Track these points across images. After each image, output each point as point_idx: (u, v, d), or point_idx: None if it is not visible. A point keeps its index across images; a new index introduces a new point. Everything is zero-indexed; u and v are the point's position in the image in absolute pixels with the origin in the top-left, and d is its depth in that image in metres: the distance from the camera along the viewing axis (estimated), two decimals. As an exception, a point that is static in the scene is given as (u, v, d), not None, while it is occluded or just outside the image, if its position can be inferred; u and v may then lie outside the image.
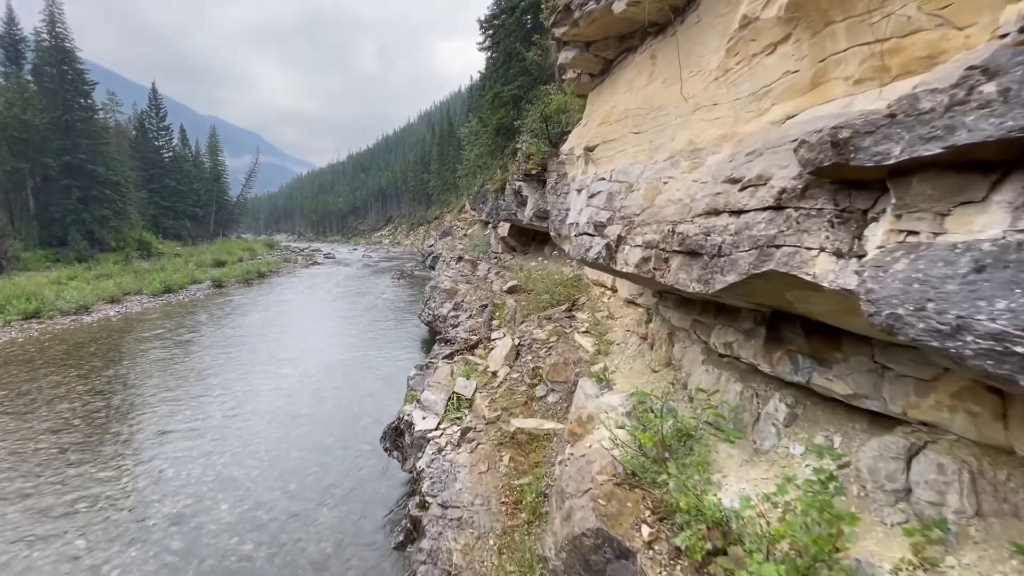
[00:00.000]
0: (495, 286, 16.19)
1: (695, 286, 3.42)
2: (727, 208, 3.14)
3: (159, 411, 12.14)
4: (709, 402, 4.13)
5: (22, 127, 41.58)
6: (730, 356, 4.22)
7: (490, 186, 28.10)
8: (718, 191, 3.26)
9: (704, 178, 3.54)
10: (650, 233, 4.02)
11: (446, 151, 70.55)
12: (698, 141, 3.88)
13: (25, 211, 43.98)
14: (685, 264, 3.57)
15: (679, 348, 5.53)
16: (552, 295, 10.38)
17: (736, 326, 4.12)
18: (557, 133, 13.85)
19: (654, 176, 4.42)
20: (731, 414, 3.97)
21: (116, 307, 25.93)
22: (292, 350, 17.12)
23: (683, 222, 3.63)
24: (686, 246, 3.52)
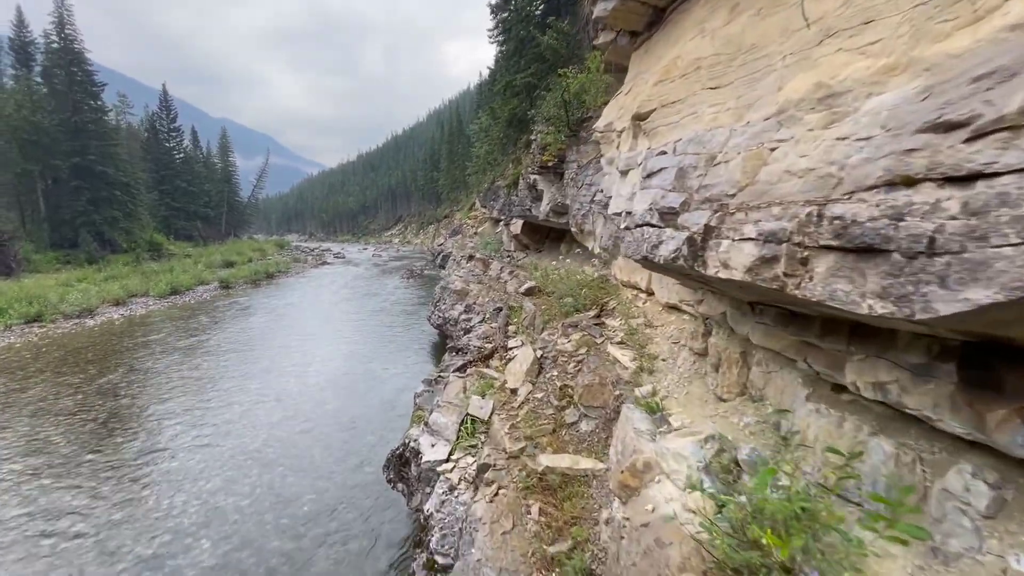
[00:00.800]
0: (509, 287, 14.91)
1: (879, 306, 2.11)
2: (936, 173, 1.85)
3: (148, 427, 11.02)
4: (846, 469, 2.81)
5: (32, 129, 41.03)
6: (871, 399, 2.91)
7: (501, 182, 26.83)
8: (909, 147, 1.97)
9: (866, 131, 2.24)
10: (768, 221, 2.71)
11: (455, 149, 69.43)
12: (835, 82, 2.58)
13: (36, 213, 43.50)
14: (848, 268, 2.25)
15: (760, 373, 4.21)
16: (576, 298, 9.08)
17: (893, 359, 2.75)
18: (577, 119, 12.51)
19: (750, 142, 3.12)
20: (886, 488, 2.66)
21: (121, 310, 25.05)
22: (294, 357, 15.97)
23: (833, 201, 2.34)
24: (851, 239, 2.21)
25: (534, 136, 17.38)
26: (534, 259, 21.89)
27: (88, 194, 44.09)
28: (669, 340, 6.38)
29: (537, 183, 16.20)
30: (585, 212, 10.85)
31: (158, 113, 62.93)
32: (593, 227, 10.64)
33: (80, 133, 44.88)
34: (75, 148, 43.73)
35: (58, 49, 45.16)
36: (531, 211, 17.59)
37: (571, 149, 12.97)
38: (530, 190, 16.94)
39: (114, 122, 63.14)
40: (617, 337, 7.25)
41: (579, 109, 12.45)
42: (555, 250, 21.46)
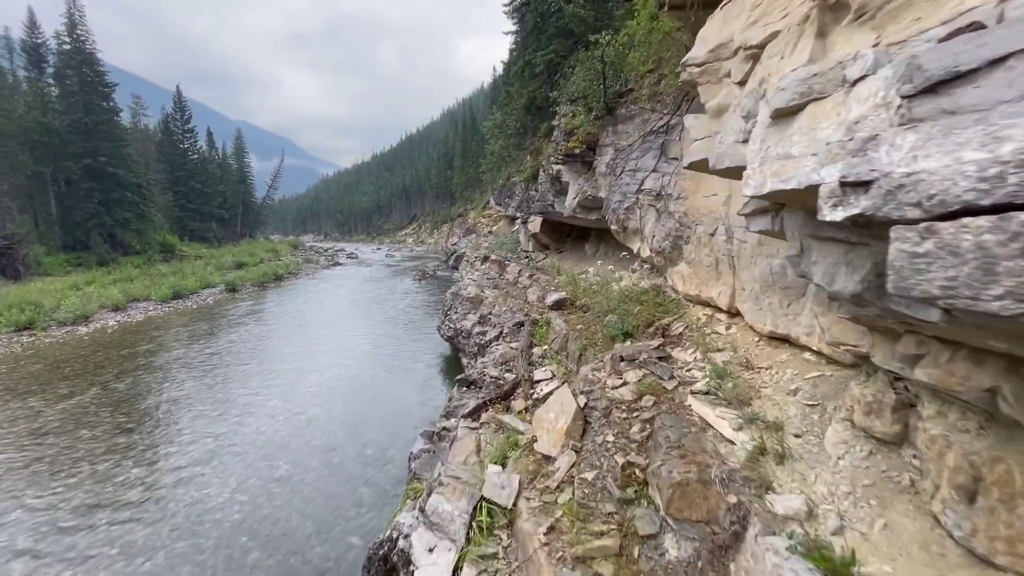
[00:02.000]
0: (531, 294, 12.61)
1: None
2: None
3: (99, 469, 8.98)
4: None
5: (42, 131, 39.86)
6: None
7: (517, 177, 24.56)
8: None
9: None
10: None
11: (469, 147, 67.33)
12: None
13: (48, 216, 42.40)
14: None
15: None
16: (623, 317, 6.78)
17: None
18: (614, 93, 10.17)
19: None
20: None
21: (118, 315, 23.33)
22: (285, 376, 13.85)
23: None
24: None
25: (556, 122, 15.03)
26: (555, 260, 19.55)
27: (99, 196, 42.90)
28: (794, 396, 4.05)
29: (561, 174, 13.86)
30: (629, 205, 8.52)
31: (172, 114, 61.85)
32: (640, 224, 8.30)
33: (91, 134, 43.66)
34: (86, 150, 42.52)
35: (69, 50, 44.00)
36: (553, 207, 15.25)
37: (605, 132, 10.62)
38: (552, 183, 14.61)
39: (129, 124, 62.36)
40: (698, 382, 4.93)
41: (616, 80, 10.13)
42: (578, 251, 19.09)
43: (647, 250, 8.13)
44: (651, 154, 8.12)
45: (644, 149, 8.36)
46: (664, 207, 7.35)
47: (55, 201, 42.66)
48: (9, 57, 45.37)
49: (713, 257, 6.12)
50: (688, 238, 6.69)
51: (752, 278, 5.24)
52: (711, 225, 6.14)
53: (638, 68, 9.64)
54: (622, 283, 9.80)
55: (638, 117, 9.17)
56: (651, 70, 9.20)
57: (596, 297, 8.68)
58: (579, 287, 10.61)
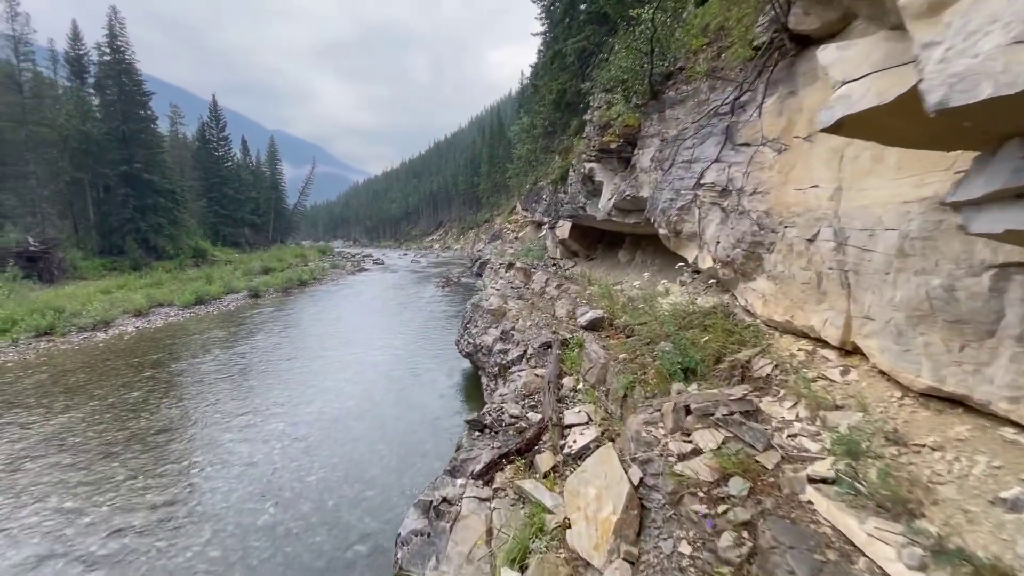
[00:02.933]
0: (559, 308, 11.02)
1: None
2: None
3: (65, 507, 7.85)
4: None
5: (82, 138, 40.58)
6: None
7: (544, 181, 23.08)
8: None
9: None
10: None
11: (496, 152, 66.36)
12: None
13: (86, 221, 43.14)
14: None
15: None
16: (683, 348, 5.15)
17: None
18: (661, 75, 8.54)
19: None
20: None
21: (138, 321, 22.80)
22: (290, 393, 12.60)
23: None
24: None
25: (589, 116, 13.46)
26: (585, 269, 17.90)
27: (134, 201, 43.44)
28: (1010, 510, 2.40)
29: (594, 173, 12.25)
30: (683, 205, 6.86)
31: (208, 123, 62.87)
32: (699, 227, 6.62)
33: (128, 142, 44.33)
34: (123, 157, 43.15)
35: (109, 61, 44.87)
36: (584, 210, 13.64)
37: (648, 121, 9.00)
38: (584, 183, 13.01)
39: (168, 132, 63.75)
40: (814, 459, 3.28)
41: (662, 59, 8.51)
42: (610, 258, 17.40)
43: (707, 259, 6.46)
44: (712, 141, 6.47)
45: (702, 135, 6.70)
46: (734, 205, 5.70)
47: (93, 207, 43.35)
48: (53, 68, 46.60)
49: (813, 271, 4.46)
50: (771, 245, 5.03)
51: (889, 304, 3.56)
52: (809, 227, 4.49)
53: (691, 43, 8.00)
54: (669, 298, 8.11)
55: (692, 99, 7.52)
56: (708, 42, 7.56)
57: (641, 316, 7.04)
58: (616, 302, 8.97)
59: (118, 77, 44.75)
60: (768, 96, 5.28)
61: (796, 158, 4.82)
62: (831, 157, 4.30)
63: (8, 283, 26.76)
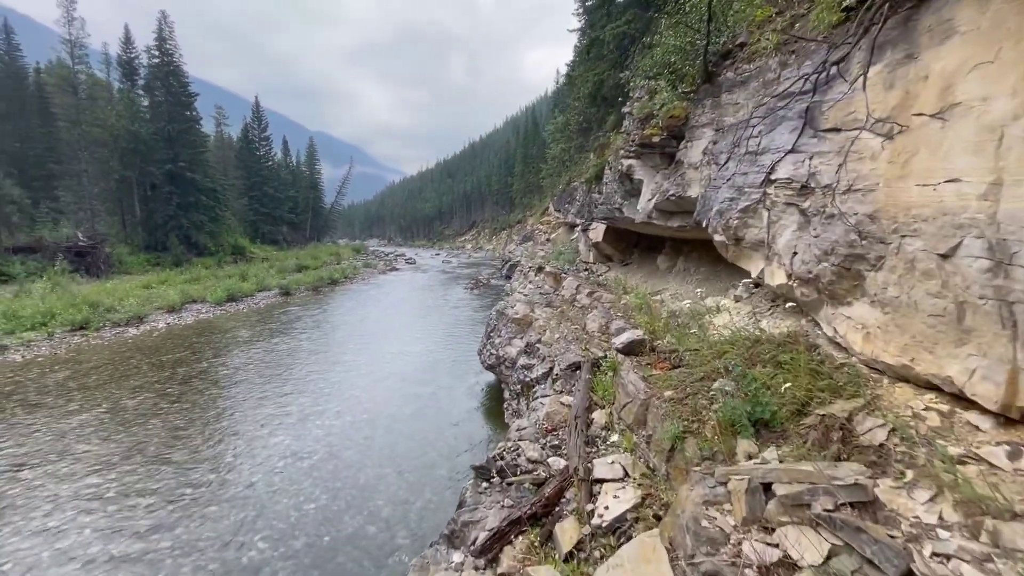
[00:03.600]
0: (591, 321, 9.82)
1: None
2: None
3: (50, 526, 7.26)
4: None
5: (131, 138, 41.87)
6: None
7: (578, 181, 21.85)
8: None
9: None
10: None
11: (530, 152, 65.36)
12: None
13: (132, 218, 44.55)
14: None
15: None
16: (752, 391, 3.91)
17: None
18: (717, 53, 7.24)
19: None
20: None
21: (170, 317, 22.86)
22: (303, 403, 11.81)
23: None
24: None
25: (628, 108, 12.21)
26: (619, 274, 16.58)
27: (178, 199, 44.56)
28: None
29: (633, 171, 10.97)
30: (748, 206, 5.58)
31: (250, 123, 64.33)
32: (768, 233, 5.33)
33: (174, 142, 45.54)
34: (168, 156, 44.37)
35: (158, 63, 46.23)
36: (621, 211, 12.36)
37: (699, 108, 7.70)
38: (621, 182, 11.75)
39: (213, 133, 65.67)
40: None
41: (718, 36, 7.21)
42: (648, 264, 16.02)
43: (779, 274, 5.16)
44: (785, 127, 5.18)
45: (772, 121, 5.41)
46: (818, 206, 4.40)
47: (139, 204, 44.68)
48: (107, 71, 48.38)
49: (950, 299, 3.18)
50: (878, 260, 3.74)
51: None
52: (944, 238, 3.21)
53: (753, 14, 6.69)
54: (722, 317, 6.80)
55: (755, 79, 6.20)
56: (778, 12, 6.25)
57: (689, 340, 5.80)
58: (657, 317, 7.71)
59: (165, 79, 46.04)
60: (872, 64, 3.98)
61: (919, 143, 3.52)
62: (984, 139, 3.01)
63: (55, 277, 27.44)
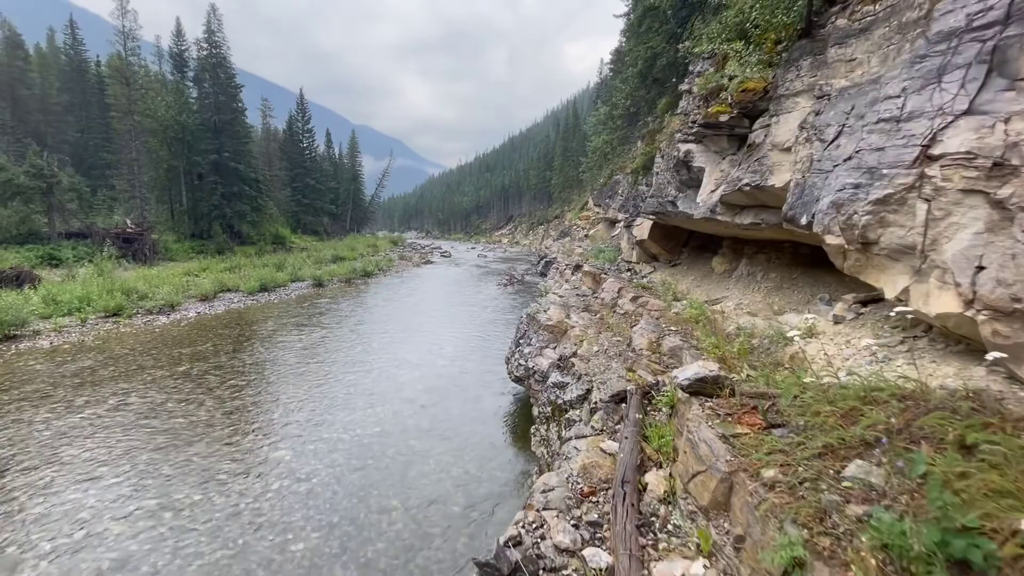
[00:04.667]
0: (638, 336, 8.18)
1: None
2: None
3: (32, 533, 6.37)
4: None
5: (179, 128, 42.67)
6: None
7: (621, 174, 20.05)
8: None
9: None
10: None
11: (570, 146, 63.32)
12: None
13: (179, 206, 45.56)
14: None
15: None
16: (946, 511, 2.32)
17: None
18: None
19: None
20: None
21: (202, 306, 22.62)
22: (312, 409, 10.71)
23: None
24: None
25: (687, 84, 10.45)
26: (666, 276, 14.77)
27: (222, 189, 45.24)
28: None
29: (692, 157, 9.22)
30: (888, 195, 3.86)
31: (295, 116, 65.04)
32: (927, 236, 3.61)
33: (219, 132, 46.24)
34: (214, 146, 45.10)
35: (206, 55, 46.99)
36: (675, 204, 10.59)
37: (791, 72, 5.95)
38: (677, 170, 9.99)
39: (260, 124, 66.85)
40: None
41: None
42: (699, 265, 14.14)
43: (946, 298, 3.43)
44: (953, 78, 3.47)
45: (925, 73, 3.69)
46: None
47: (186, 193, 45.60)
48: (159, 63, 49.60)
49: None
50: None
51: None
52: None
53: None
54: (816, 344, 5.08)
55: (886, 22, 4.44)
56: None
57: (784, 382, 4.15)
58: (725, 338, 6.04)
59: (213, 70, 46.72)
60: None
61: None
62: None
63: (102, 262, 27.86)
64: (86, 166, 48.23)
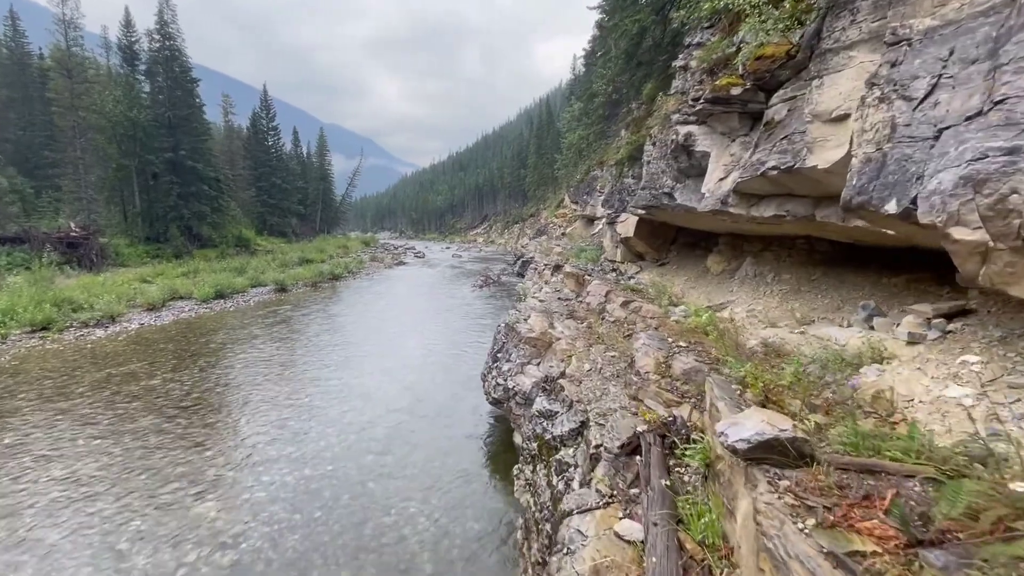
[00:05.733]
0: (641, 355, 6.71)
1: None
2: None
3: None
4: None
5: (129, 125, 39.47)
6: None
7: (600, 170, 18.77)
8: None
9: None
10: None
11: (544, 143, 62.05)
12: None
13: (132, 208, 42.36)
14: None
15: None
16: None
17: None
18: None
19: None
20: None
21: (147, 317, 20.28)
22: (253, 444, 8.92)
23: None
24: None
25: (683, 60, 9.09)
26: (655, 276, 13.44)
27: (179, 189, 42.25)
28: None
29: (694, 141, 7.84)
30: None
31: (258, 112, 61.80)
32: None
33: (174, 129, 43.17)
34: (169, 143, 42.06)
35: (158, 47, 43.80)
36: (672, 196, 9.20)
37: (840, 20, 4.60)
38: (674, 157, 8.60)
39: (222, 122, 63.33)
40: None
41: None
42: (690, 264, 12.85)
43: None
44: None
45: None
46: None
47: (139, 194, 42.41)
48: (106, 55, 46.03)
49: None
50: None
51: None
52: None
53: None
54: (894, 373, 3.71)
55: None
56: None
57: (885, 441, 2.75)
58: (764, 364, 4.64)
59: (166, 63, 43.57)
60: None
61: None
62: None
63: (40, 270, 25.01)
64: (31, 166, 44.31)
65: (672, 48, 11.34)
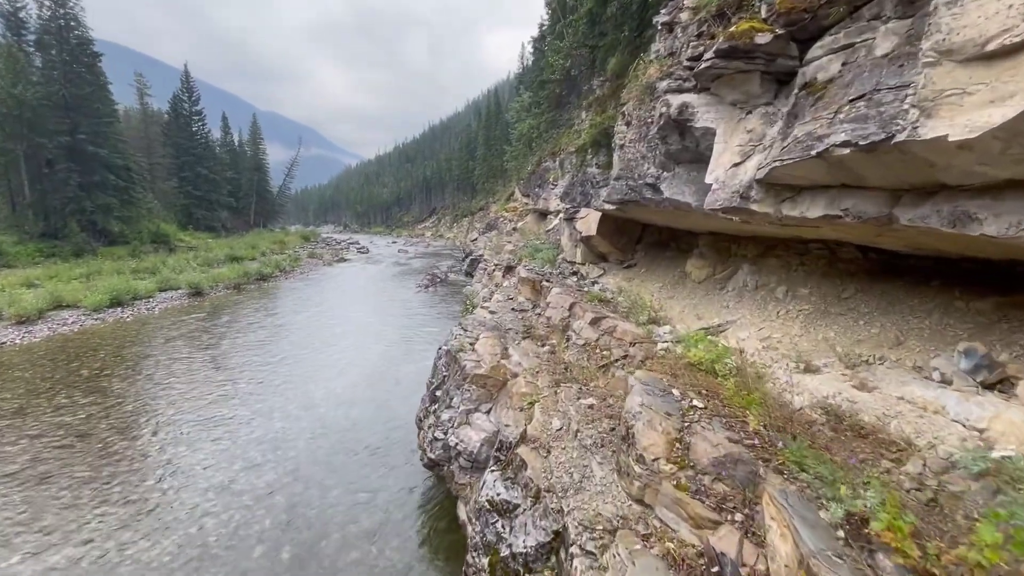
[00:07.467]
0: (642, 429, 4.56)
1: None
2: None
3: None
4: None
5: (14, 103, 33.14)
6: None
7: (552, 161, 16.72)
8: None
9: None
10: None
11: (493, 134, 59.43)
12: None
13: (22, 199, 35.98)
14: None
15: None
16: None
17: None
18: None
19: None
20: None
21: (16, 331, 16.23)
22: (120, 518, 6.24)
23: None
24: None
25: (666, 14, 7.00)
26: (621, 281, 11.44)
27: (79, 178, 36.25)
28: None
29: (693, 115, 5.76)
30: None
31: (179, 95, 54.98)
32: None
33: (71, 109, 36.93)
34: (65, 126, 35.91)
35: (49, 15, 37.24)
36: (657, 189, 7.11)
37: None
38: (663, 137, 6.51)
39: (137, 105, 55.89)
40: None
41: None
42: (663, 267, 10.93)
43: None
44: None
45: None
46: None
47: (29, 183, 36.04)
48: (-14, 22, 38.73)
49: None
50: None
51: None
52: None
53: None
54: None
55: None
56: None
57: None
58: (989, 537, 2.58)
59: (59, 33, 37.12)
60: None
61: None
62: None
63: None
64: None
65: (642, 14, 9.36)
